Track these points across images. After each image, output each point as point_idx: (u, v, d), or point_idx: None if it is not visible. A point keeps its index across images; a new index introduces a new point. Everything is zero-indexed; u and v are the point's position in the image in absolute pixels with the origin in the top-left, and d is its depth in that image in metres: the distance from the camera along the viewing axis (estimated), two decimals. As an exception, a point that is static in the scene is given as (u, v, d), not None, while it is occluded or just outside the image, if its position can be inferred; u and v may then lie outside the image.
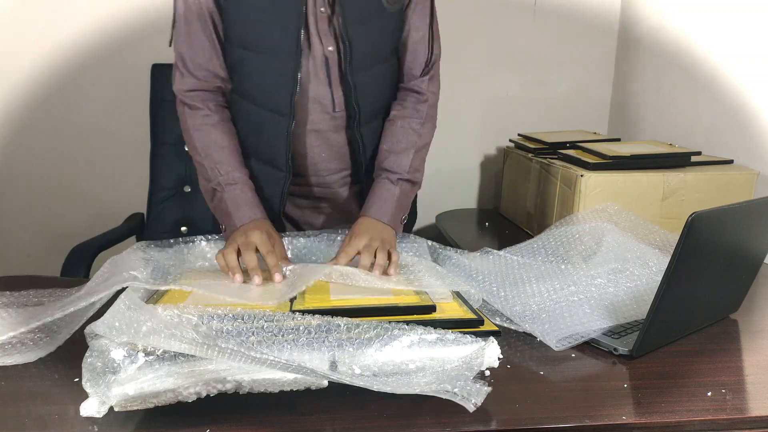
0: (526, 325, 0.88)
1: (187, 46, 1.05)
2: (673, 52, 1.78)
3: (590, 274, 0.99)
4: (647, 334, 0.80)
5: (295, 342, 0.69)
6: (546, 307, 0.92)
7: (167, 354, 0.65)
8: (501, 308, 0.92)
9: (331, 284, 0.88)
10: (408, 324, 0.73)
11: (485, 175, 2.18)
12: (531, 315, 0.90)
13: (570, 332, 0.85)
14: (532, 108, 2.13)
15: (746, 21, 1.50)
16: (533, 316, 0.90)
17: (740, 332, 0.94)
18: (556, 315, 0.90)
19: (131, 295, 0.70)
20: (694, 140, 1.68)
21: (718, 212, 0.81)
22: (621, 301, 0.94)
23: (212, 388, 0.66)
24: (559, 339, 0.84)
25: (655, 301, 0.78)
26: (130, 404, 0.64)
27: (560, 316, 0.89)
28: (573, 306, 0.92)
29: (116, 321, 0.65)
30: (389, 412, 0.68)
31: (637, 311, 0.91)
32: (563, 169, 1.46)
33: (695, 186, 1.41)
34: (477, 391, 0.66)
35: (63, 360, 0.79)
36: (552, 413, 0.69)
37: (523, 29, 2.06)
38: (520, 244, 1.14)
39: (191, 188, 1.56)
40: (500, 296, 0.94)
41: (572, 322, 0.87)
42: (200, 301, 0.77)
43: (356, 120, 1.09)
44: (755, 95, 1.48)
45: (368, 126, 1.13)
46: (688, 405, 0.71)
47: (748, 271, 0.96)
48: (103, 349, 0.64)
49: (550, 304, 0.93)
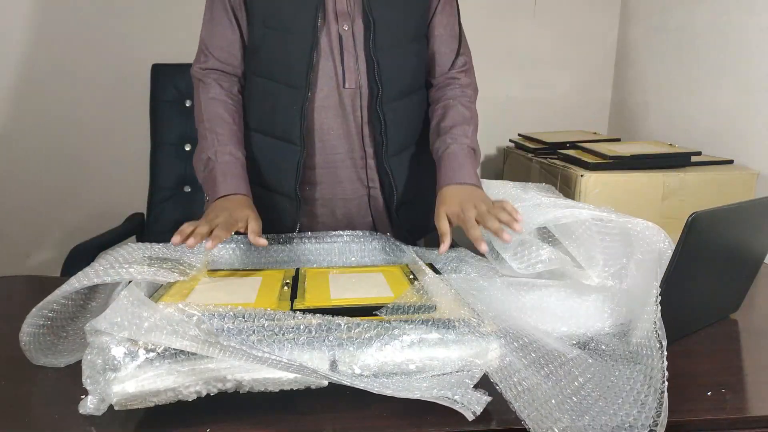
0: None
1: (210, 28, 1.13)
2: (673, 52, 1.78)
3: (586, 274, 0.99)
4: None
5: (295, 341, 0.69)
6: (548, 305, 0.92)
7: (168, 352, 0.65)
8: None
9: (331, 283, 0.88)
10: (408, 323, 0.73)
11: (485, 175, 2.18)
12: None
13: (570, 332, 0.85)
14: (532, 108, 2.13)
15: (746, 21, 1.50)
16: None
17: (740, 332, 0.94)
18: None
19: (134, 290, 0.70)
20: (694, 140, 1.68)
21: (718, 212, 0.81)
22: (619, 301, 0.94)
23: (212, 387, 0.66)
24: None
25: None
26: (130, 403, 0.64)
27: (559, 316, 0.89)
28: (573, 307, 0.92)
29: (118, 317, 0.65)
30: (389, 412, 0.68)
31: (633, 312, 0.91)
32: (563, 169, 1.47)
33: (695, 186, 1.41)
34: (477, 400, 0.66)
35: (63, 359, 0.79)
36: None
37: (523, 29, 2.06)
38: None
39: (191, 188, 1.56)
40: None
41: (574, 324, 0.87)
42: (202, 297, 0.77)
43: (378, 97, 1.11)
44: (755, 95, 1.48)
45: (392, 104, 1.13)
46: (688, 405, 0.70)
47: (748, 271, 0.96)
48: (104, 347, 0.64)
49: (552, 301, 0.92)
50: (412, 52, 1.15)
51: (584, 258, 1.00)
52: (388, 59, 1.10)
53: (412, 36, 1.14)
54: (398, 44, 1.12)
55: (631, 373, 0.73)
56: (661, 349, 0.71)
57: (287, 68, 1.09)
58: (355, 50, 1.10)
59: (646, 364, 0.73)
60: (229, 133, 1.10)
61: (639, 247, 0.92)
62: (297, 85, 1.09)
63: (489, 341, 0.73)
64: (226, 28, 1.12)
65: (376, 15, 1.07)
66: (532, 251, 0.98)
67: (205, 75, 1.13)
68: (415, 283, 0.87)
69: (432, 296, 0.81)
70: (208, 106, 1.12)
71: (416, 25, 1.15)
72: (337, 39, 1.09)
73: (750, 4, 1.48)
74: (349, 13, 1.09)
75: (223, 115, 1.11)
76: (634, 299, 0.86)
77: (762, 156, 1.46)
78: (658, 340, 0.73)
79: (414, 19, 1.14)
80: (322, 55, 1.10)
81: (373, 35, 1.08)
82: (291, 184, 1.14)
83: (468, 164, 1.08)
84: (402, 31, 1.12)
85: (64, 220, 1.96)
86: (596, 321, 0.89)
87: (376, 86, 1.10)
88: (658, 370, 0.70)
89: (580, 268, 1.01)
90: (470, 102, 1.18)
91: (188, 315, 0.68)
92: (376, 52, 1.09)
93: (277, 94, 1.12)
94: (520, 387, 0.68)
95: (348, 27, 1.09)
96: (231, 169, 1.07)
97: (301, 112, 1.09)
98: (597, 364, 0.76)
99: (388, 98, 1.12)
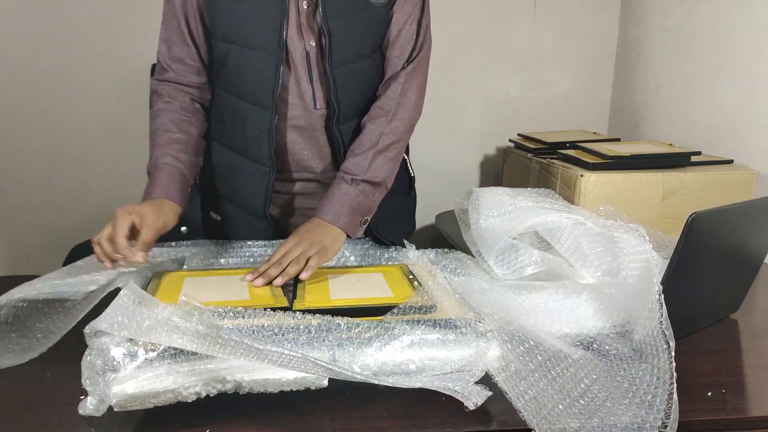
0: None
1: (165, 39, 1.09)
2: (673, 52, 1.78)
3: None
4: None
5: (295, 341, 0.69)
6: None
7: (167, 352, 0.65)
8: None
9: (331, 284, 0.88)
10: (408, 323, 0.73)
11: (485, 175, 2.18)
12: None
13: (570, 332, 0.85)
14: (532, 108, 2.13)
15: (746, 21, 1.50)
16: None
17: (740, 332, 0.94)
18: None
19: (134, 288, 0.70)
20: (694, 140, 1.68)
21: (718, 212, 0.81)
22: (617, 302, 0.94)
23: (212, 387, 0.66)
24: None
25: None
26: (130, 404, 0.64)
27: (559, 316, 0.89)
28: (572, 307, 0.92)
29: (119, 316, 0.65)
30: (389, 412, 0.68)
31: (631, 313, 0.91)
32: (563, 169, 1.47)
33: (695, 186, 1.41)
34: (477, 393, 0.66)
35: (62, 359, 0.79)
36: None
37: (523, 29, 2.06)
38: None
39: (191, 188, 1.56)
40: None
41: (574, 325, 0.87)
42: (194, 289, 0.78)
43: (336, 118, 1.08)
44: (755, 95, 1.48)
45: (347, 124, 1.11)
46: (688, 405, 0.70)
47: (748, 271, 0.96)
48: (103, 348, 0.64)
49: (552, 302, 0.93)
50: (368, 68, 1.10)
51: (575, 259, 1.01)
52: (345, 78, 1.06)
53: (371, 49, 1.09)
54: (355, 60, 1.07)
55: (637, 372, 0.73)
56: (668, 349, 0.71)
57: (253, 87, 1.06)
58: (322, 68, 1.06)
59: (651, 363, 0.74)
60: (167, 141, 1.05)
61: (625, 248, 0.92)
62: (264, 105, 1.05)
63: (488, 341, 0.73)
64: (179, 43, 1.08)
65: (332, 28, 1.02)
66: (519, 255, 0.99)
67: (161, 87, 1.10)
68: (415, 283, 0.87)
69: (432, 297, 0.81)
70: (155, 117, 1.08)
71: (375, 36, 1.09)
72: (304, 56, 1.06)
73: (750, 4, 1.48)
74: (313, 28, 1.04)
75: (164, 124, 1.07)
76: (632, 297, 0.86)
77: (762, 156, 1.46)
78: (665, 340, 0.73)
79: (374, 29, 1.08)
80: (289, 75, 1.06)
81: (330, 52, 1.03)
82: (260, 206, 1.11)
83: (341, 202, 1.03)
84: (360, 46, 1.07)
85: (64, 220, 1.96)
86: (597, 321, 0.89)
87: (334, 106, 1.07)
88: (666, 370, 0.70)
89: (573, 269, 1.01)
90: (388, 120, 1.09)
91: (190, 312, 0.68)
92: (333, 70, 1.04)
93: (245, 113, 1.08)
94: (527, 396, 0.68)
95: (314, 43, 1.05)
96: (157, 179, 1.03)
97: (269, 133, 1.06)
98: (602, 364, 0.76)
99: (345, 118, 1.09)
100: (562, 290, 0.95)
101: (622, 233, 0.92)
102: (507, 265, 1.00)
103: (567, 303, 0.92)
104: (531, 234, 1.05)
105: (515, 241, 1.01)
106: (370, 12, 1.05)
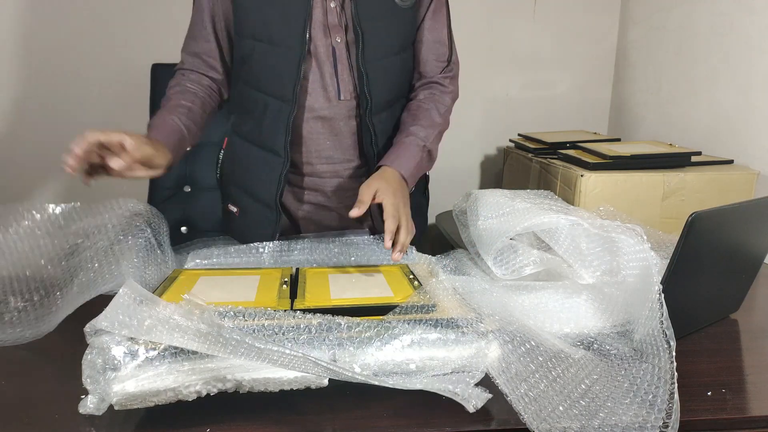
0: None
1: (188, 38, 1.18)
2: (673, 52, 1.78)
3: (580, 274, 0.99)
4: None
5: (295, 340, 0.69)
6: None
7: (168, 351, 0.65)
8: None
9: (331, 283, 0.88)
10: (408, 323, 0.73)
11: (485, 175, 2.18)
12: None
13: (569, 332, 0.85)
14: (532, 108, 2.13)
15: (746, 21, 1.50)
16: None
17: (740, 332, 0.94)
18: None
19: (135, 286, 0.70)
20: (694, 140, 1.68)
21: (718, 212, 0.81)
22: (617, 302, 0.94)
23: (212, 386, 0.66)
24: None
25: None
26: (130, 403, 0.64)
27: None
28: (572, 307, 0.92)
29: (119, 314, 0.65)
30: (390, 411, 0.68)
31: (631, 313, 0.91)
32: (563, 169, 1.47)
33: (695, 186, 1.41)
34: (477, 395, 0.67)
35: (63, 358, 0.79)
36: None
37: (523, 29, 2.06)
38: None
39: (191, 188, 1.56)
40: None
41: (574, 325, 0.87)
42: (201, 296, 0.78)
43: (368, 109, 1.13)
44: (755, 95, 1.48)
45: (380, 116, 1.16)
46: (688, 405, 0.70)
47: (748, 271, 0.96)
48: (104, 346, 0.64)
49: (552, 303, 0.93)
50: (399, 63, 1.16)
51: (573, 259, 1.01)
52: (377, 71, 1.12)
53: (400, 47, 1.15)
54: (386, 56, 1.13)
55: (637, 371, 0.73)
56: (669, 349, 0.71)
57: (275, 81, 1.11)
58: (349, 62, 1.12)
59: (652, 363, 0.74)
60: (174, 106, 1.10)
61: (623, 248, 0.92)
62: (285, 98, 1.11)
63: (488, 340, 0.73)
64: (203, 40, 1.16)
65: (364, 27, 1.08)
66: (517, 255, 0.99)
67: (177, 72, 1.17)
68: (415, 283, 0.87)
69: (433, 296, 0.81)
70: (167, 93, 1.14)
71: (405, 36, 1.16)
72: (330, 51, 1.11)
73: (750, 4, 1.48)
74: (341, 25, 1.10)
75: (172, 97, 1.12)
76: (632, 297, 0.86)
77: (762, 156, 1.46)
78: (666, 340, 0.73)
79: (403, 29, 1.15)
80: (312, 69, 1.12)
81: (362, 48, 1.09)
82: (272, 196, 1.15)
83: (414, 160, 1.10)
84: (390, 43, 1.13)
85: (64, 220, 1.96)
86: (597, 321, 0.89)
87: (366, 98, 1.12)
88: (667, 370, 0.70)
89: (572, 269, 1.01)
90: (446, 110, 1.21)
91: (190, 311, 0.68)
92: (365, 64, 1.10)
93: (265, 105, 1.13)
94: (527, 398, 0.68)
95: (341, 39, 1.11)
96: (160, 127, 1.05)
97: (287, 125, 1.11)
98: (603, 364, 0.76)
99: (377, 109, 1.14)
100: (563, 290, 0.95)
101: (619, 233, 0.92)
102: (506, 265, 1.00)
103: (567, 303, 0.92)
104: (529, 234, 1.05)
105: (513, 242, 1.02)
106: (398, 13, 1.12)
